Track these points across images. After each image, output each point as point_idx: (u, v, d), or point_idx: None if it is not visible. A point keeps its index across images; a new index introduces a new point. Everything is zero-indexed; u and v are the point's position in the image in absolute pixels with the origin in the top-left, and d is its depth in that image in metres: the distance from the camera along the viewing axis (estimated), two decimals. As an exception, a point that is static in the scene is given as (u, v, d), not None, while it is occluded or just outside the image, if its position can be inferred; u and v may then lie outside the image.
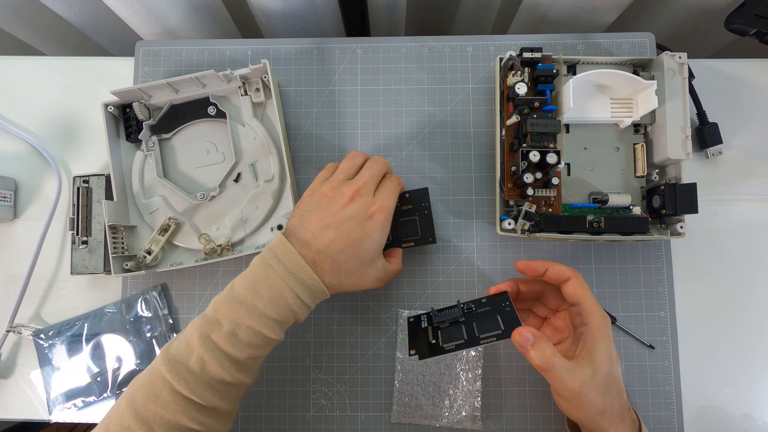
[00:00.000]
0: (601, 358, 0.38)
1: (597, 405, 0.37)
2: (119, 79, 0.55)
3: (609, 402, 0.37)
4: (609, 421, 0.38)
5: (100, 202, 0.50)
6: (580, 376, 0.37)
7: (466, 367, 0.49)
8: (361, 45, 0.55)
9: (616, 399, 0.38)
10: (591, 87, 0.49)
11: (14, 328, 0.50)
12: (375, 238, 0.41)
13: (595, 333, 0.39)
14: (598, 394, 0.37)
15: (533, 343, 0.37)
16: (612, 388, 0.38)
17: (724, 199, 0.52)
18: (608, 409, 0.37)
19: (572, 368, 0.37)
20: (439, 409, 0.48)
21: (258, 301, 0.38)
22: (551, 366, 0.37)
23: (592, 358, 0.38)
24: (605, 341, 0.38)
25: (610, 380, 0.38)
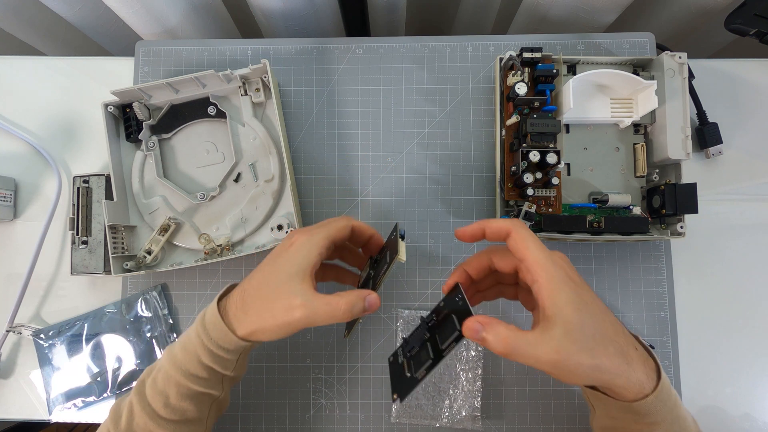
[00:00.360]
0: (564, 310, 0.31)
1: (587, 362, 0.31)
2: (119, 79, 0.55)
3: (601, 352, 0.31)
4: (611, 373, 0.32)
5: (100, 202, 0.50)
6: (550, 341, 0.31)
7: (466, 367, 0.49)
8: (361, 45, 0.55)
9: (611, 344, 0.32)
10: (591, 87, 0.49)
11: (14, 328, 0.50)
12: (288, 258, 0.37)
13: (547, 285, 0.32)
14: (581, 351, 0.31)
15: (485, 330, 0.32)
16: (598, 336, 0.32)
17: (724, 199, 0.52)
18: (603, 360, 0.31)
19: (537, 338, 0.31)
20: (439, 409, 0.48)
21: (176, 345, 0.39)
22: (512, 347, 0.31)
23: (555, 315, 0.31)
24: (564, 289, 0.32)
25: (591, 328, 0.31)
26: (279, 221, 0.49)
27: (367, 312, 0.37)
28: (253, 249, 0.48)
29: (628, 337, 0.34)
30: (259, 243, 0.50)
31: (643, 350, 0.34)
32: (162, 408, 0.37)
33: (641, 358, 0.33)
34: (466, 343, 0.49)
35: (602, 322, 0.33)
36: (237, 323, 0.37)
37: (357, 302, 0.36)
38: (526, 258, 0.33)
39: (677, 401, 0.35)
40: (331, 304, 0.35)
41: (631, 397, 0.33)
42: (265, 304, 0.36)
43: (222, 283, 0.51)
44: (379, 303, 0.37)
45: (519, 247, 0.34)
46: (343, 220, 0.40)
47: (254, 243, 0.50)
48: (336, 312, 0.35)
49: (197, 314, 0.51)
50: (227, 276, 0.52)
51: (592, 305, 0.33)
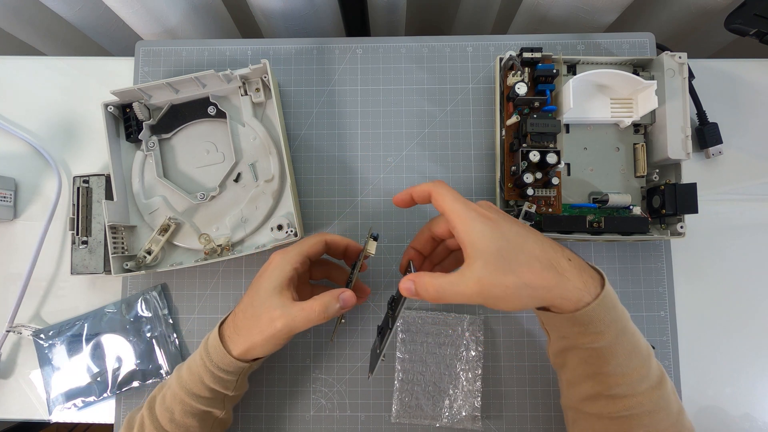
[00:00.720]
0: (479, 243, 0.33)
1: (512, 283, 0.32)
2: (119, 79, 0.55)
3: (525, 271, 0.32)
4: (543, 287, 0.33)
5: (100, 202, 0.50)
6: (471, 274, 0.33)
7: (466, 367, 0.49)
8: (361, 45, 0.55)
9: (536, 261, 0.33)
10: (591, 87, 0.49)
11: (14, 328, 0.50)
12: (267, 276, 0.40)
13: (462, 227, 0.34)
14: (503, 274, 0.32)
15: (415, 284, 0.34)
16: (520, 257, 0.33)
17: (724, 199, 0.52)
18: (529, 277, 0.32)
19: (459, 276, 0.33)
20: (439, 409, 0.48)
21: (183, 366, 0.42)
22: (439, 291, 0.33)
23: (472, 251, 0.33)
24: (476, 226, 0.33)
25: (510, 252, 0.33)
26: (279, 221, 0.49)
27: (344, 309, 0.39)
28: (253, 249, 0.48)
29: (558, 251, 0.34)
30: (259, 243, 0.50)
31: (580, 261, 0.35)
32: (168, 423, 0.40)
33: (576, 267, 0.34)
34: (465, 343, 0.49)
35: (523, 244, 0.34)
36: (232, 345, 0.40)
37: (331, 302, 0.38)
38: (445, 211, 0.35)
39: (625, 316, 0.36)
40: (305, 308, 0.38)
41: (572, 307, 0.34)
42: (252, 322, 0.39)
43: (222, 284, 0.51)
44: (354, 299, 0.39)
45: (439, 203, 0.36)
46: (316, 236, 0.43)
47: (254, 243, 0.50)
48: (311, 314, 0.38)
49: (197, 314, 0.51)
50: (227, 276, 0.52)
51: (509, 233, 0.34)
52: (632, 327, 0.36)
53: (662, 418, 0.35)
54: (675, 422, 0.36)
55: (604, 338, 0.34)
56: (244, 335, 0.40)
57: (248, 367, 0.41)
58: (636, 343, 0.36)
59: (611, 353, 0.35)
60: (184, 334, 0.51)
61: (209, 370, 0.40)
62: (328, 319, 0.38)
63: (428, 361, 0.49)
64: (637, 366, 0.35)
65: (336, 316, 0.39)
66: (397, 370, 0.49)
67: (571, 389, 0.39)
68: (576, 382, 0.38)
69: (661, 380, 0.36)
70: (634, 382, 0.35)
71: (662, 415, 0.35)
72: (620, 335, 0.35)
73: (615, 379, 0.35)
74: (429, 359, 0.49)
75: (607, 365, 0.35)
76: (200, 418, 0.41)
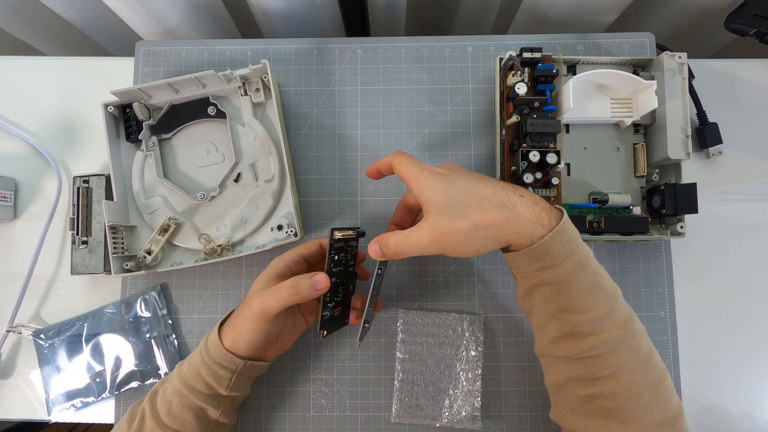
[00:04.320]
0: (432, 197, 0.35)
1: (464, 226, 0.34)
2: (119, 79, 0.55)
3: (476, 213, 0.34)
4: (495, 225, 0.34)
5: (100, 202, 0.50)
6: (425, 225, 0.35)
7: (466, 367, 0.49)
8: (361, 45, 0.55)
9: (486, 202, 0.34)
10: (591, 87, 0.49)
11: (14, 328, 0.50)
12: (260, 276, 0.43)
13: (416, 186, 0.36)
14: (455, 219, 0.34)
15: (379, 245, 0.37)
16: (470, 202, 0.34)
17: (724, 199, 0.52)
18: (481, 217, 0.34)
19: (415, 228, 0.36)
20: (439, 409, 0.48)
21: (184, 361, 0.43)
22: (398, 246, 0.36)
23: (426, 205, 0.35)
24: (428, 182, 0.35)
25: (460, 199, 0.35)
26: (279, 221, 0.49)
27: (318, 291, 0.39)
28: (253, 249, 0.48)
29: (510, 190, 0.35)
30: (259, 243, 0.50)
31: (534, 197, 0.36)
32: (166, 415, 0.41)
33: (529, 203, 0.35)
34: (465, 343, 0.49)
35: (474, 189, 0.35)
36: (225, 337, 0.42)
37: (301, 280, 0.39)
38: (403, 177, 0.37)
39: (585, 252, 0.35)
40: (278, 287, 0.39)
41: (527, 241, 0.34)
42: (238, 311, 0.41)
43: (222, 284, 0.51)
44: (326, 282, 0.40)
45: (398, 171, 0.38)
46: (313, 241, 0.45)
47: (254, 243, 0.50)
48: (282, 292, 0.39)
49: (196, 314, 0.51)
50: (227, 276, 0.52)
51: (460, 182, 0.35)
52: (594, 264, 0.36)
53: (629, 359, 0.35)
54: (644, 363, 0.35)
55: (560, 270, 0.34)
56: (232, 325, 0.41)
57: (243, 366, 0.41)
58: (599, 279, 0.35)
59: (571, 288, 0.34)
60: (184, 334, 0.51)
61: (205, 362, 0.41)
62: (302, 298, 0.39)
63: (428, 361, 0.49)
64: (600, 302, 0.35)
65: (312, 297, 0.39)
66: (397, 370, 0.49)
67: (540, 334, 0.39)
68: (543, 326, 0.38)
69: (628, 319, 0.36)
70: (596, 318, 0.34)
71: (629, 355, 0.35)
72: (579, 269, 0.34)
73: (578, 317, 0.35)
74: (429, 359, 0.49)
75: (569, 302, 0.35)
76: (196, 415, 0.41)
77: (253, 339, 0.40)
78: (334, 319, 0.44)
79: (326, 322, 0.42)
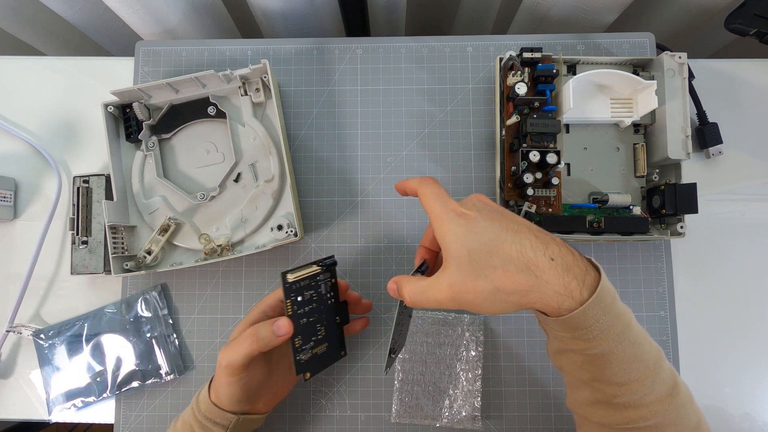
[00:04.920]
0: (452, 246, 0.32)
1: (485, 288, 0.31)
2: (119, 79, 0.55)
3: (498, 274, 0.30)
4: (518, 291, 0.31)
5: (100, 202, 0.50)
6: (444, 279, 0.32)
7: (466, 367, 0.49)
8: (361, 45, 0.54)
9: (510, 263, 0.31)
10: (591, 87, 0.49)
11: (14, 328, 0.50)
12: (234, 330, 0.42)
13: (439, 229, 0.33)
14: (475, 279, 0.31)
15: (398, 287, 0.35)
16: (493, 260, 0.31)
17: (724, 199, 0.52)
18: (502, 281, 0.31)
19: (433, 281, 0.32)
20: (439, 409, 0.48)
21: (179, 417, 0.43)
22: (414, 296, 0.33)
23: (447, 254, 0.32)
24: (450, 227, 0.32)
25: (481, 254, 0.31)
26: (279, 221, 0.49)
27: (280, 337, 0.38)
28: (253, 249, 0.48)
29: (540, 250, 0.31)
30: (259, 243, 0.50)
31: (568, 260, 0.31)
32: None
33: (559, 268, 0.30)
34: (465, 343, 0.49)
35: (499, 244, 0.31)
36: (212, 392, 0.41)
37: (261, 328, 0.38)
38: (427, 212, 0.34)
39: (624, 320, 0.32)
40: (241, 337, 0.38)
41: (555, 313, 0.31)
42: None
43: (222, 284, 0.51)
44: (288, 327, 0.38)
45: (424, 204, 0.35)
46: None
47: (254, 243, 0.50)
48: (243, 342, 0.38)
49: (197, 314, 0.51)
50: (227, 276, 0.52)
51: (485, 232, 0.32)
52: (635, 331, 0.32)
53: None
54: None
55: (598, 345, 0.31)
56: (213, 380, 0.41)
57: (237, 421, 0.40)
58: (638, 350, 0.32)
59: (607, 361, 0.32)
60: (184, 334, 0.51)
61: (197, 419, 0.40)
62: (265, 346, 0.38)
63: (428, 361, 0.49)
64: (640, 376, 0.32)
65: (275, 344, 0.38)
66: (397, 370, 0.49)
67: (572, 392, 0.36)
68: (576, 386, 0.36)
69: (672, 390, 0.32)
70: (636, 392, 0.32)
71: (674, 430, 0.32)
72: (618, 342, 0.31)
73: (614, 389, 0.32)
74: (429, 359, 0.49)
75: (603, 373, 0.32)
76: None
77: (231, 392, 0.39)
78: (318, 357, 0.42)
79: (306, 365, 0.40)
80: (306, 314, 0.41)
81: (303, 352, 0.40)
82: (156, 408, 0.50)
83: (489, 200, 0.35)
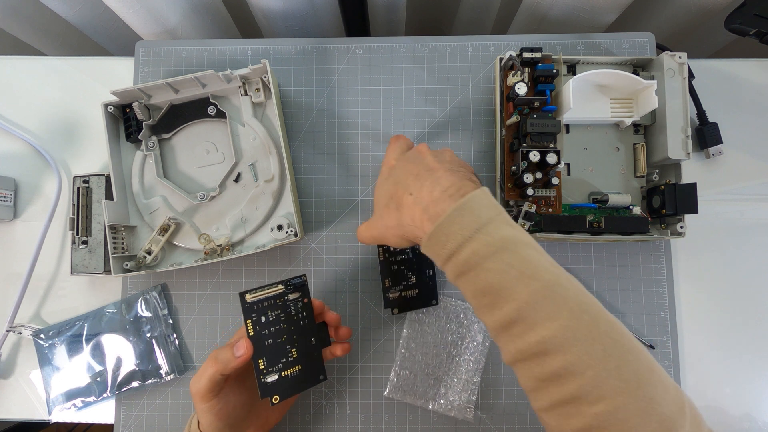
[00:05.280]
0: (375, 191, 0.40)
1: (382, 225, 0.38)
2: (119, 79, 0.55)
3: (385, 213, 0.38)
4: (393, 227, 0.37)
5: (100, 202, 0.50)
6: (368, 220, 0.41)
7: (470, 358, 0.49)
8: (361, 45, 0.54)
9: (392, 201, 0.37)
10: (591, 87, 0.49)
11: (14, 328, 0.50)
12: None
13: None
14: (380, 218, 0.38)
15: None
16: (385, 198, 0.38)
17: (724, 199, 0.52)
18: (386, 219, 0.37)
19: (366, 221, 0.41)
20: (434, 393, 0.48)
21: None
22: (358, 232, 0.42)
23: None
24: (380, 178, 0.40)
25: (380, 197, 0.39)
26: (279, 221, 0.49)
27: (239, 359, 0.38)
28: (253, 249, 0.48)
29: (402, 187, 0.36)
30: (259, 243, 0.50)
31: (425, 194, 0.33)
32: None
33: (414, 204, 0.34)
34: (471, 335, 0.49)
35: (392, 188, 0.37)
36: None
37: (221, 351, 0.38)
38: None
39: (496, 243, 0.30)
40: (204, 364, 0.38)
41: (424, 240, 0.33)
42: None
43: (222, 284, 0.51)
44: (246, 347, 0.38)
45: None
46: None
47: (254, 243, 0.50)
48: (205, 367, 0.38)
49: (197, 314, 0.51)
50: (227, 276, 0.52)
51: (387, 182, 0.38)
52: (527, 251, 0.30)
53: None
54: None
55: (464, 255, 0.31)
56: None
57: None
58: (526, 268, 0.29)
59: (486, 275, 0.30)
60: (184, 334, 0.51)
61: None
62: (226, 368, 0.37)
63: (433, 344, 0.49)
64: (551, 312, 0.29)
65: (236, 365, 0.37)
66: (401, 345, 0.49)
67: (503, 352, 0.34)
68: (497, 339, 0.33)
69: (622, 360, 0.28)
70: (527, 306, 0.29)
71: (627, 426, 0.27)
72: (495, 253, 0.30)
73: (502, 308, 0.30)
74: (434, 343, 0.49)
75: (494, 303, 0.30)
76: None
77: (209, 420, 0.38)
78: (289, 380, 0.40)
79: (272, 387, 0.39)
80: (272, 335, 0.40)
81: (269, 374, 0.39)
82: (156, 408, 0.50)
83: (447, 153, 0.38)
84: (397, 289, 0.49)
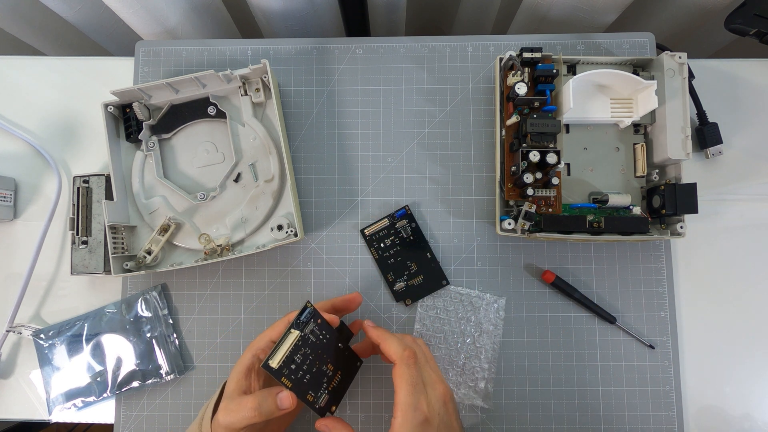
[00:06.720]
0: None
1: None
2: (119, 79, 0.55)
3: None
4: None
5: (100, 202, 0.50)
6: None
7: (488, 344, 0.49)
8: (361, 45, 0.55)
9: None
10: (591, 87, 0.49)
11: (14, 328, 0.50)
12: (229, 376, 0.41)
13: (401, 418, 0.35)
14: None
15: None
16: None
17: (724, 199, 0.52)
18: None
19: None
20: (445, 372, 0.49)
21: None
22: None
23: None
24: (412, 424, 0.35)
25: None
26: (279, 221, 0.49)
27: (282, 411, 0.37)
28: (253, 249, 0.48)
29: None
30: (259, 243, 0.50)
31: None
32: None
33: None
34: (486, 328, 0.49)
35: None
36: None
37: (264, 399, 0.37)
38: (396, 395, 0.37)
39: None
40: (241, 404, 0.37)
41: None
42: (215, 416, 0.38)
43: (222, 284, 0.51)
44: (290, 401, 0.37)
45: (396, 382, 0.37)
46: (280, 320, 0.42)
47: (254, 243, 0.50)
48: (245, 411, 0.36)
49: (197, 314, 0.51)
50: (227, 276, 0.52)
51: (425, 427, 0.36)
52: None
53: None
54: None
55: None
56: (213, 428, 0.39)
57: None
58: None
59: None
60: (184, 334, 0.51)
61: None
62: (266, 418, 0.36)
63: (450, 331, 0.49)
64: None
65: (278, 415, 0.37)
66: (417, 318, 0.50)
67: None
68: None
69: None
70: None
71: None
72: None
73: None
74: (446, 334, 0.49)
75: None
76: None
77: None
78: (336, 389, 0.41)
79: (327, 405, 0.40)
80: (307, 371, 0.39)
81: (319, 398, 0.40)
82: (156, 408, 0.50)
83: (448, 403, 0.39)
84: (402, 280, 0.49)
